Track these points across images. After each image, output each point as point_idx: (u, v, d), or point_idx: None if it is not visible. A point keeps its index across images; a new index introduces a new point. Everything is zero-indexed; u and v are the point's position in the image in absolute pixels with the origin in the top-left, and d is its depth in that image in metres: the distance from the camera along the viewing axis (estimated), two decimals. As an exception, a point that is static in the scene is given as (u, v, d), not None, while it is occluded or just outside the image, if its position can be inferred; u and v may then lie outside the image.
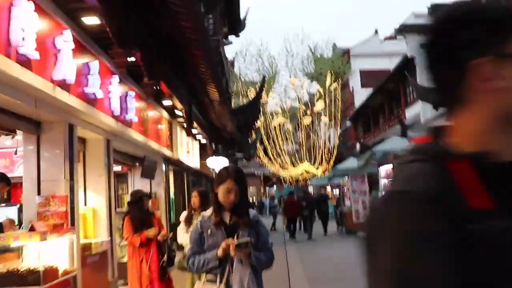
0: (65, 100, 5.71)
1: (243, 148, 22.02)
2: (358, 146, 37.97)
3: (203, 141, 16.09)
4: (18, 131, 6.37)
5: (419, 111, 26.46)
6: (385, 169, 14.10)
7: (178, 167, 14.20)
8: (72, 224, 6.10)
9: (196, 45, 8.48)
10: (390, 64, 37.65)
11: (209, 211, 3.39)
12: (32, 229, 5.01)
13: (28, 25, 4.71)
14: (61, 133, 6.23)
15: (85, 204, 7.58)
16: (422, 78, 24.34)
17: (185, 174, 15.36)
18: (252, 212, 3.43)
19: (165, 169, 12.16)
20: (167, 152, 11.53)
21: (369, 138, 35.91)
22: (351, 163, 19.96)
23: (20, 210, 6.45)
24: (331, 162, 34.46)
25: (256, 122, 20.27)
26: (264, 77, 18.54)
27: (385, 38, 43.65)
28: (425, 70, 1.13)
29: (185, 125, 12.38)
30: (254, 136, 32.39)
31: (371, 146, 32.04)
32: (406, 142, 13.72)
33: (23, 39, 4.65)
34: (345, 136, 41.64)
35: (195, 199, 6.00)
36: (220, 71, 18.68)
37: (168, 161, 12.38)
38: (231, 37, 28.15)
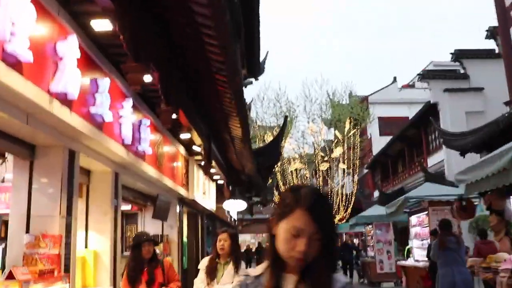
0: (65, 119, 4.64)
1: (261, 193, 20.80)
2: (376, 193, 36.68)
3: (220, 182, 14.96)
4: (8, 154, 5.30)
5: (442, 158, 25.26)
6: (417, 217, 12.78)
7: (193, 208, 13.03)
8: (66, 270, 4.92)
9: (223, 75, 7.51)
10: (408, 112, 36.71)
11: (258, 269, 1.84)
12: (10, 276, 3.86)
13: (20, 18, 3.70)
14: (59, 160, 5.13)
15: (86, 247, 6.41)
16: (446, 124, 23.26)
17: (199, 217, 14.15)
18: (340, 280, 1.76)
19: (179, 210, 11.00)
20: (182, 192, 10.39)
21: (388, 187, 34.53)
22: (376, 210, 18.63)
23: (4, 252, 5.27)
24: (349, 210, 33.02)
25: (277, 165, 19.10)
26: (286, 117, 17.51)
27: (402, 86, 42.91)
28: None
29: (203, 163, 11.29)
30: (270, 181, 31.22)
31: (394, 194, 30.73)
32: (440, 188, 12.49)
33: (11, 33, 3.64)
34: (362, 184, 40.29)
35: (224, 243, 4.81)
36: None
37: (182, 201, 11.23)
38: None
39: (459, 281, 8.62)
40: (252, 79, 28.54)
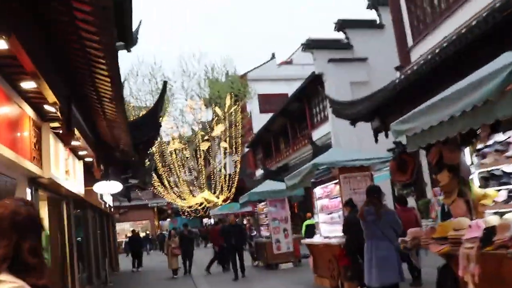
0: None
1: (138, 174, 18.10)
2: (258, 172, 35.35)
3: (89, 159, 12.13)
4: None
5: (328, 131, 24.26)
6: (323, 188, 11.04)
7: (54, 193, 10.15)
8: None
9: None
10: (288, 88, 35.62)
11: None
12: None
13: None
14: None
15: None
16: (331, 95, 22.13)
17: (64, 203, 11.27)
18: None
19: (31, 193, 8.14)
20: (32, 168, 7.54)
21: (271, 164, 33.30)
22: (269, 185, 16.81)
23: None
24: (233, 190, 31.25)
25: (156, 140, 16.51)
26: (165, 82, 14.91)
27: (281, 63, 41.95)
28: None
29: (61, 131, 8.53)
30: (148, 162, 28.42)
31: (279, 171, 29.43)
32: (350, 153, 10.83)
33: None
34: (243, 163, 38.84)
35: None
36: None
37: (35, 182, 8.36)
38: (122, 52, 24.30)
39: (376, 258, 7.30)
40: (124, 50, 25.44)
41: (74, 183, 11.17)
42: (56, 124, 8.52)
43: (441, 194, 9.03)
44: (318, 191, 11.53)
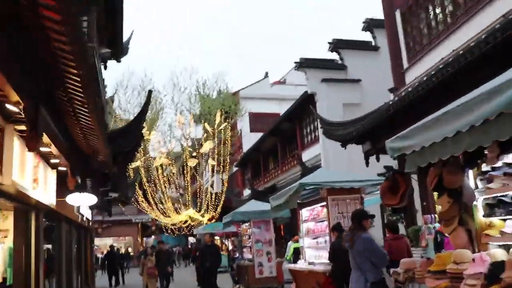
0: None
1: (119, 188, 17.29)
2: (246, 192, 34.57)
3: (63, 168, 11.37)
4: None
5: (318, 152, 23.63)
6: (309, 210, 10.35)
7: (19, 202, 9.37)
8: None
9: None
10: (279, 108, 35.21)
11: None
12: None
13: None
14: None
15: None
16: (322, 115, 21.60)
17: (32, 214, 10.47)
18: None
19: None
20: (-11, 174, 6.81)
21: (259, 184, 32.57)
22: (253, 206, 16.08)
23: None
24: (218, 209, 30.41)
25: (137, 152, 15.77)
26: (150, 92, 14.24)
27: (274, 83, 41.52)
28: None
29: (26, 135, 7.79)
30: (132, 176, 27.61)
31: (267, 191, 28.66)
32: (339, 175, 10.19)
33: None
34: (231, 182, 38.09)
35: None
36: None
37: (-7, 190, 7.60)
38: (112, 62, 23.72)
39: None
40: (113, 60, 24.83)
41: (44, 193, 10.40)
42: (23, 127, 7.81)
43: (435, 222, 8.40)
44: (304, 213, 10.85)
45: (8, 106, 6.84)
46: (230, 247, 17.25)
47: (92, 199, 11.94)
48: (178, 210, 30.81)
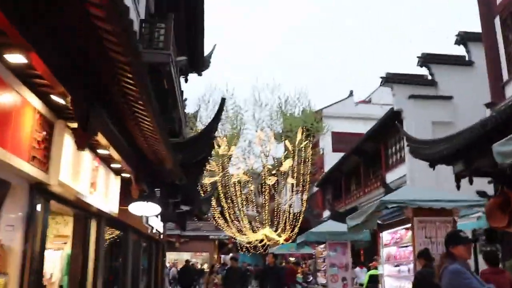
0: None
1: (192, 200, 16.63)
2: (325, 213, 33.04)
3: (126, 175, 10.79)
4: None
5: (404, 173, 21.86)
6: (391, 233, 8.95)
7: (75, 207, 8.78)
8: None
9: None
10: (364, 128, 33.33)
11: None
12: None
13: None
14: None
15: None
16: (410, 133, 19.97)
17: (90, 221, 9.89)
18: None
19: (33, 202, 6.75)
20: (30, 171, 6.15)
21: (339, 206, 30.97)
22: (329, 226, 14.79)
23: None
24: (296, 230, 29.15)
25: (208, 162, 15.02)
26: (223, 99, 13.46)
27: (359, 102, 39.93)
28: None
29: (76, 130, 7.15)
30: (208, 190, 27.10)
31: (347, 213, 27.10)
32: (427, 193, 8.74)
33: None
34: (311, 203, 36.72)
35: None
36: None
37: (42, 190, 6.98)
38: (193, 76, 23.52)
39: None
40: (194, 73, 24.56)
41: (105, 199, 9.80)
42: (75, 124, 7.17)
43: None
44: (385, 236, 9.47)
45: (52, 97, 6.20)
46: (301, 269, 16.02)
47: (156, 209, 11.23)
48: (255, 229, 29.89)
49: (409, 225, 8.18)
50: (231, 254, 43.97)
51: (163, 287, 21.04)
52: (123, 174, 11.01)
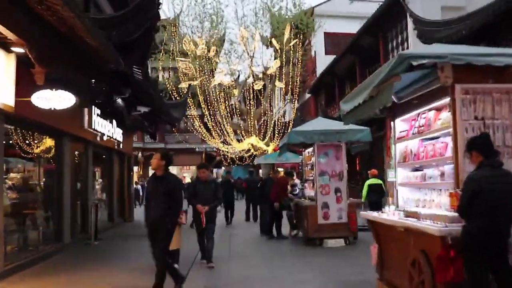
0: None
1: (148, 99, 12.97)
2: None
3: (20, 50, 7.22)
4: None
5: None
6: (416, 116, 5.43)
7: None
8: None
9: None
10: (359, 28, 29.43)
11: None
12: None
13: None
14: None
15: None
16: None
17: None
18: None
19: None
20: None
21: (333, 112, 27.54)
22: (319, 124, 11.37)
23: None
24: (286, 139, 25.84)
25: (153, 39, 11.26)
26: None
27: (353, -1, 35.33)
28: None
29: None
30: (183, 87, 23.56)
31: (339, 120, 23.83)
32: (469, 48, 5.18)
33: None
34: (303, 110, 33.36)
35: None
36: None
37: None
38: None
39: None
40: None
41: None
42: None
43: None
44: (399, 125, 6.06)
45: None
46: (289, 181, 13.11)
47: (70, 98, 7.72)
48: (240, 139, 26.64)
49: (444, 101, 4.73)
50: (223, 168, 41.05)
51: (132, 204, 17.99)
52: (15, 49, 7.43)
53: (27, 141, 9.69)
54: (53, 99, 7.63)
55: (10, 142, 9.03)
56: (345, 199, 10.55)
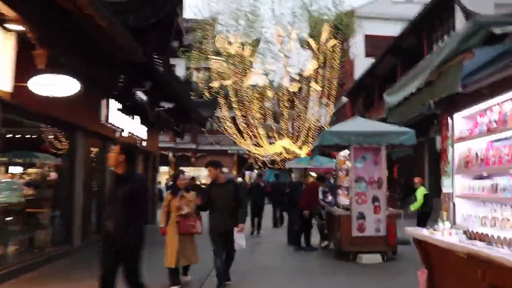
0: None
1: (173, 93, 11.98)
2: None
3: (18, 28, 6.35)
4: None
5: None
6: (486, 109, 4.17)
7: None
8: None
9: None
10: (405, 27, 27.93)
11: None
12: None
13: None
14: None
15: None
16: (463, 21, 14.80)
17: None
18: None
19: None
20: None
21: (371, 116, 26.07)
22: (357, 124, 10.14)
23: None
24: (320, 143, 24.54)
25: (174, 18, 10.20)
26: None
27: (396, 0, 33.86)
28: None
29: None
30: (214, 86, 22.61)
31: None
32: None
33: None
34: (339, 115, 31.99)
35: None
36: None
37: None
38: None
39: None
40: None
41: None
42: None
43: None
44: (459, 123, 4.83)
45: None
46: (320, 187, 11.91)
47: (73, 85, 6.77)
48: (272, 141, 25.51)
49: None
50: (255, 171, 39.94)
51: (155, 208, 17.02)
52: (15, 27, 6.55)
53: (34, 135, 8.86)
54: (53, 86, 6.70)
55: (12, 134, 8.20)
56: (384, 209, 9.29)
